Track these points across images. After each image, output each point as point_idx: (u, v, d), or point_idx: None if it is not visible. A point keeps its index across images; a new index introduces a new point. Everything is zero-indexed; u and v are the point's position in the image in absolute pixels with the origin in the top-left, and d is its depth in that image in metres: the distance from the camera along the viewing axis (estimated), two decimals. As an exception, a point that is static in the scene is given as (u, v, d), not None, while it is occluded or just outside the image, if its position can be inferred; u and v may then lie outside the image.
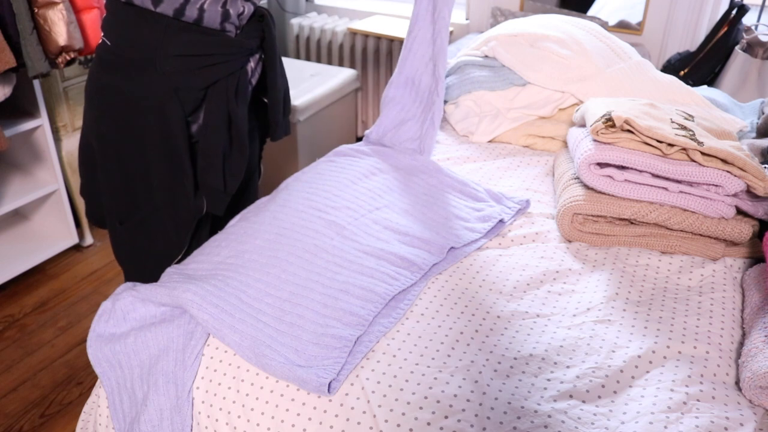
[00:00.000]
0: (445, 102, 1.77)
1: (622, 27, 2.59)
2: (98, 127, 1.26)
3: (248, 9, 1.26)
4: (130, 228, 1.33)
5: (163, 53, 1.17)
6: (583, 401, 0.90)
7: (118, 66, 1.20)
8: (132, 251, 1.38)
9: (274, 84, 1.36)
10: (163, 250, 1.33)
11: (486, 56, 1.75)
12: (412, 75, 1.49)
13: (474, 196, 1.34)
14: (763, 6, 2.33)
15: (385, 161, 1.43)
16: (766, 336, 0.95)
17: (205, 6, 1.17)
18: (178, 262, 1.32)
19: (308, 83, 2.57)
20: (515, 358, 0.96)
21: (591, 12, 2.70)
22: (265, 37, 1.31)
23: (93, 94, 1.25)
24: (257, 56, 1.34)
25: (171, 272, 1.16)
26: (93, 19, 1.92)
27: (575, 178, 1.31)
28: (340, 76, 2.82)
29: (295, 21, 3.14)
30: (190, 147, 1.26)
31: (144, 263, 1.37)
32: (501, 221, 1.28)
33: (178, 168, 1.25)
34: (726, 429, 0.85)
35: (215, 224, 1.47)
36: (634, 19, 2.57)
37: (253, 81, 1.35)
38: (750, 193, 1.20)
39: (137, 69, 1.19)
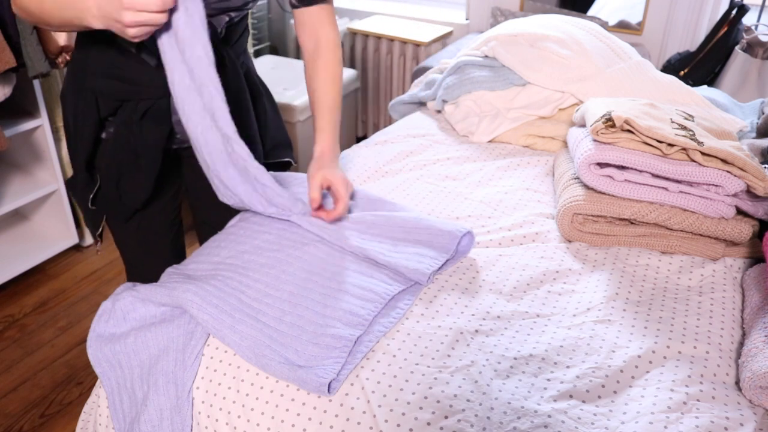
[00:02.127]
0: (445, 102, 1.78)
1: (622, 27, 2.59)
2: None
3: None
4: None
5: (91, 58, 1.18)
6: (583, 401, 0.90)
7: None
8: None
9: (244, 127, 1.24)
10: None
11: (486, 56, 1.75)
12: (194, 137, 1.12)
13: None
14: (763, 6, 2.33)
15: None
16: (766, 336, 0.95)
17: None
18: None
19: (308, 83, 2.57)
20: (515, 358, 0.96)
21: (591, 12, 2.70)
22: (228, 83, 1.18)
23: None
24: None
25: (171, 272, 1.16)
26: (93, 19, 1.92)
27: (575, 178, 1.32)
28: (340, 76, 2.82)
29: (295, 21, 3.13)
30: (97, 143, 1.25)
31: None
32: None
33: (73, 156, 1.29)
34: (726, 429, 0.85)
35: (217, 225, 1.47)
36: (634, 19, 2.57)
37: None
38: (750, 193, 1.20)
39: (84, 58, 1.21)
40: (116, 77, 1.18)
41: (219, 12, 1.18)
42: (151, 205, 1.33)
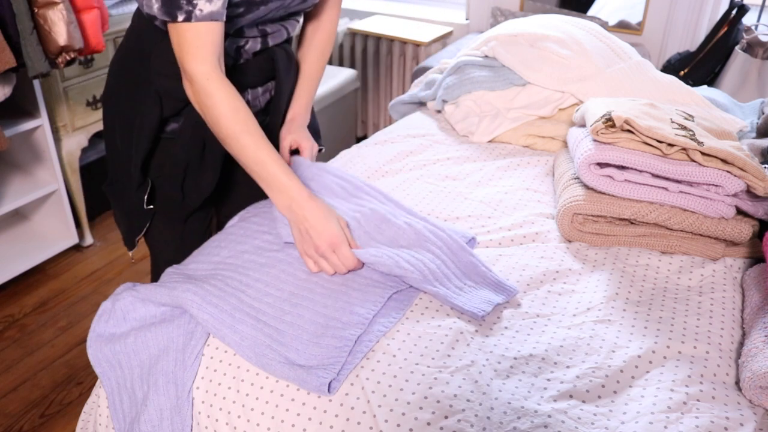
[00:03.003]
0: (445, 102, 1.78)
1: (622, 27, 2.59)
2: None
3: (252, 45, 1.21)
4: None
5: (156, 56, 1.16)
6: (583, 401, 0.90)
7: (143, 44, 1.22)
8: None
9: (275, 109, 1.33)
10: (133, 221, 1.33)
11: (486, 56, 1.75)
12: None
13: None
14: (763, 6, 2.33)
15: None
16: (766, 336, 0.95)
17: None
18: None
19: (308, 83, 2.57)
20: (515, 358, 0.96)
21: (591, 12, 2.70)
22: (276, 74, 1.28)
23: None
24: (265, 86, 1.30)
25: (171, 272, 1.16)
26: (93, 19, 1.92)
27: (575, 178, 1.31)
28: (340, 76, 2.82)
29: (295, 21, 3.13)
30: (156, 142, 1.24)
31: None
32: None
33: (129, 156, 1.25)
34: (726, 429, 0.85)
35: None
36: (634, 19, 2.57)
37: (258, 105, 1.32)
38: (750, 193, 1.20)
39: (143, 58, 1.19)
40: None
41: (295, 14, 1.24)
42: (202, 206, 1.33)
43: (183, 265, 1.18)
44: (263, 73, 1.27)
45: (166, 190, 1.27)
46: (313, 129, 1.44)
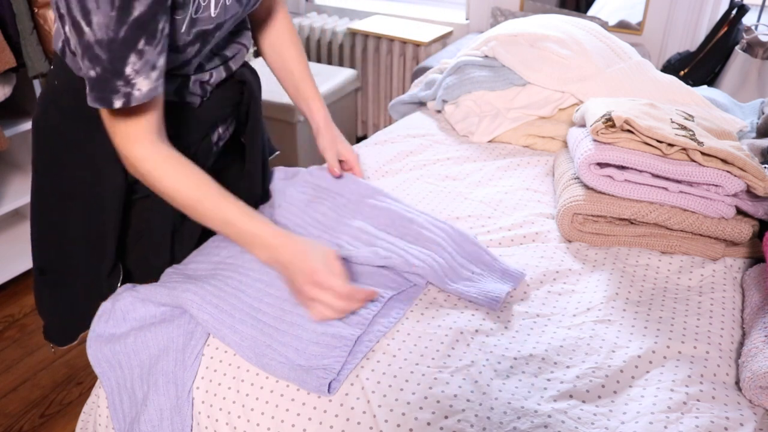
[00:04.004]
0: (445, 102, 1.77)
1: (622, 27, 2.59)
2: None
3: (217, 76, 1.09)
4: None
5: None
6: (583, 401, 0.90)
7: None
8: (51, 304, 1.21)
9: (251, 156, 1.21)
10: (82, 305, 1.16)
11: (486, 56, 1.75)
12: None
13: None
14: (763, 6, 2.33)
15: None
16: (766, 336, 0.95)
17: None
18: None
19: (308, 83, 2.57)
20: (515, 358, 0.96)
21: (591, 12, 2.70)
22: (242, 102, 1.17)
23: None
24: (227, 122, 1.20)
25: (170, 272, 1.16)
26: (93, 19, 1.92)
27: (575, 178, 1.31)
28: (339, 76, 2.82)
29: (295, 21, 3.13)
30: (126, 210, 1.11)
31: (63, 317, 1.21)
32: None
33: (99, 236, 1.10)
34: (726, 429, 0.85)
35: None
36: (634, 19, 2.57)
37: (219, 145, 1.20)
38: (750, 193, 1.20)
39: (89, 117, 0.97)
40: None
41: (242, 23, 1.13)
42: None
43: (183, 265, 1.18)
44: (230, 102, 1.16)
45: (152, 261, 1.15)
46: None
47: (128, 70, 0.84)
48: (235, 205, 0.98)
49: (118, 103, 0.86)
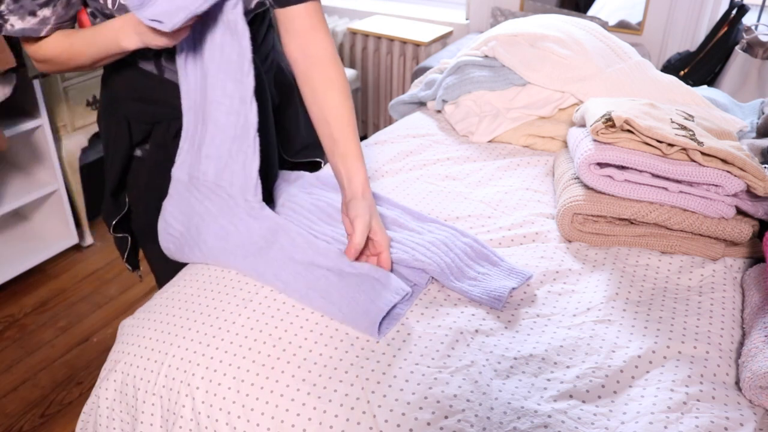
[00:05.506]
0: (445, 102, 1.78)
1: (622, 27, 2.59)
2: None
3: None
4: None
5: (117, 82, 1.20)
6: (583, 401, 0.90)
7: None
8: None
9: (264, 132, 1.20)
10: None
11: (486, 56, 1.75)
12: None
13: None
14: (763, 6, 2.33)
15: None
16: (766, 336, 0.95)
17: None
18: None
19: (308, 83, 2.57)
20: (515, 358, 0.96)
21: (591, 12, 2.71)
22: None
23: None
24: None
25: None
26: (93, 19, 1.92)
27: (575, 178, 1.32)
28: (340, 76, 2.82)
29: (295, 21, 3.13)
30: (126, 168, 1.28)
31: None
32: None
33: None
34: (726, 429, 0.85)
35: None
36: (634, 19, 2.57)
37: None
38: (750, 193, 1.20)
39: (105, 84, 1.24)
40: (145, 100, 1.19)
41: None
42: None
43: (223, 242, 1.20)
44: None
45: (141, 213, 1.29)
46: (315, 142, 1.31)
47: (2, 7, 1.05)
48: (89, 29, 1.09)
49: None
